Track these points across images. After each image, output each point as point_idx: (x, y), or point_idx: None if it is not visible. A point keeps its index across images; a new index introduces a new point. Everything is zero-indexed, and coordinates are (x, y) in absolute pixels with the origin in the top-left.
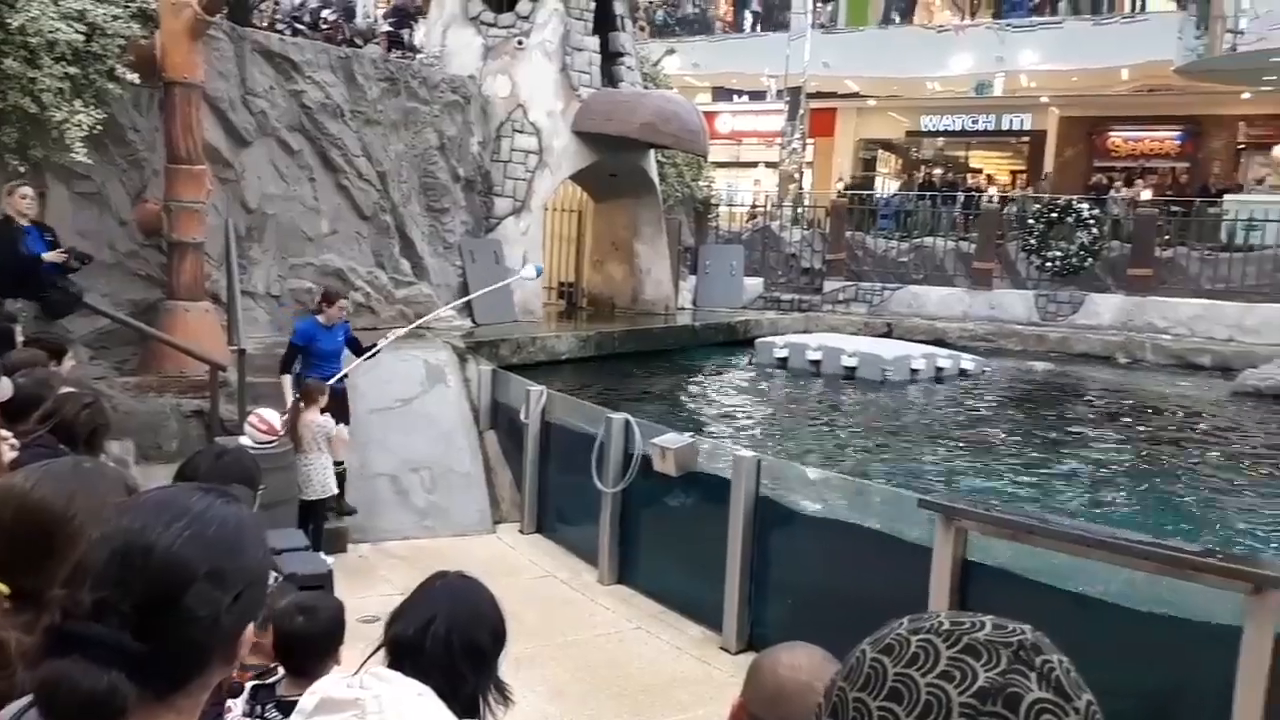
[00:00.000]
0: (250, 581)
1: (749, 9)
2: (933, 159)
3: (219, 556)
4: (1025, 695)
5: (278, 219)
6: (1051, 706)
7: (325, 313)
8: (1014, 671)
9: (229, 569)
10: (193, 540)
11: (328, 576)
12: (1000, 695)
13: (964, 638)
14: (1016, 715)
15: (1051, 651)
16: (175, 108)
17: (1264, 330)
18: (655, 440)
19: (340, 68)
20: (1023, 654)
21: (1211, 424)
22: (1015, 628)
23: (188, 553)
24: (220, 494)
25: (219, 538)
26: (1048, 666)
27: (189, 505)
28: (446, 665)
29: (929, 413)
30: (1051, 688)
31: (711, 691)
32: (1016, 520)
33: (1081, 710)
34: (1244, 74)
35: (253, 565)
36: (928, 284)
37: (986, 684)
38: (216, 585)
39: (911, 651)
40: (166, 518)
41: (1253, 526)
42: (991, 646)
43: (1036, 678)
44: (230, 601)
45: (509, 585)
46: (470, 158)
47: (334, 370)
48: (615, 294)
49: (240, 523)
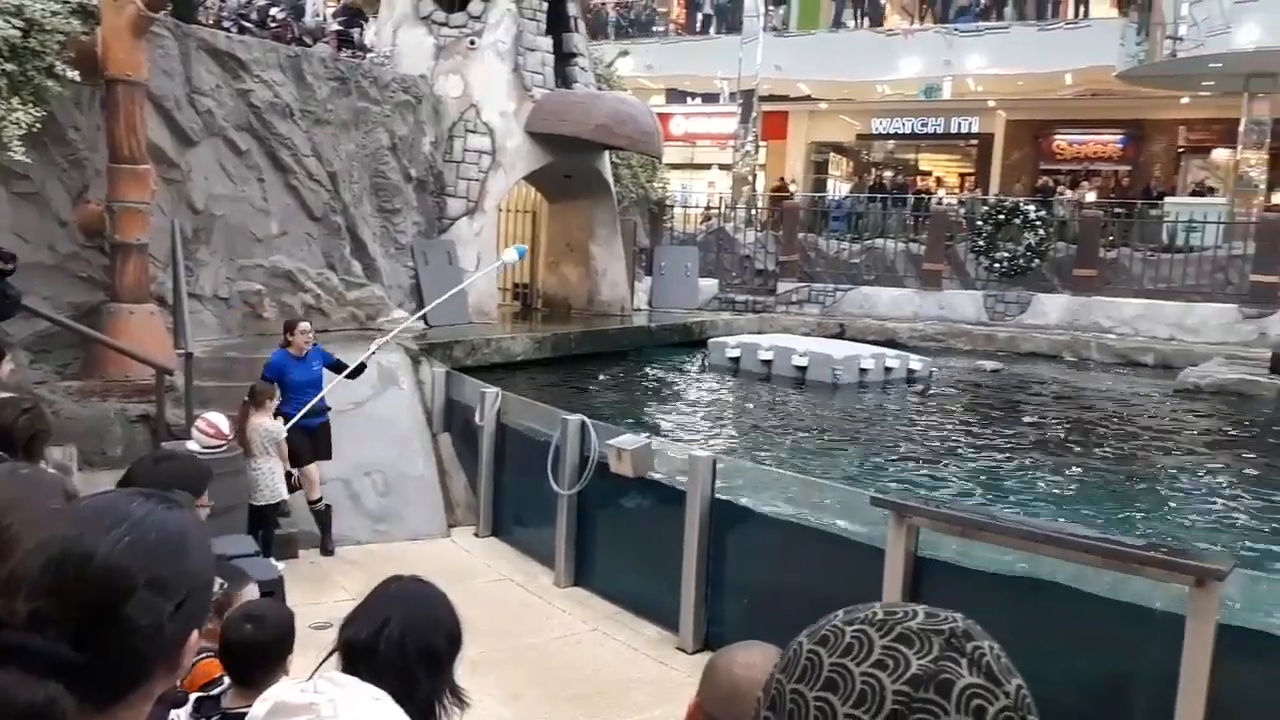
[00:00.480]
0: (194, 588)
1: (702, 11)
2: (883, 162)
3: (160, 563)
4: (957, 681)
5: (226, 220)
6: (982, 691)
7: (292, 342)
8: (946, 659)
9: (171, 576)
10: (133, 547)
11: (279, 583)
12: (933, 682)
13: (897, 627)
14: (949, 701)
15: (982, 638)
16: (118, 106)
17: (1202, 329)
18: (611, 441)
19: (289, 67)
20: (954, 641)
21: (1154, 421)
22: (947, 616)
23: (128, 560)
24: (162, 499)
25: (160, 544)
26: (978, 653)
27: (129, 511)
28: (401, 669)
29: (880, 412)
30: (982, 673)
31: (668, 692)
32: (966, 517)
33: (1011, 694)
34: (1183, 79)
35: (196, 571)
36: (879, 285)
37: (919, 671)
38: (158, 593)
39: (846, 642)
40: (105, 524)
41: (1196, 520)
42: (924, 635)
43: (968, 664)
44: (173, 609)
45: (464, 589)
46: (422, 158)
47: (309, 401)
48: (571, 295)
49: (183, 528)
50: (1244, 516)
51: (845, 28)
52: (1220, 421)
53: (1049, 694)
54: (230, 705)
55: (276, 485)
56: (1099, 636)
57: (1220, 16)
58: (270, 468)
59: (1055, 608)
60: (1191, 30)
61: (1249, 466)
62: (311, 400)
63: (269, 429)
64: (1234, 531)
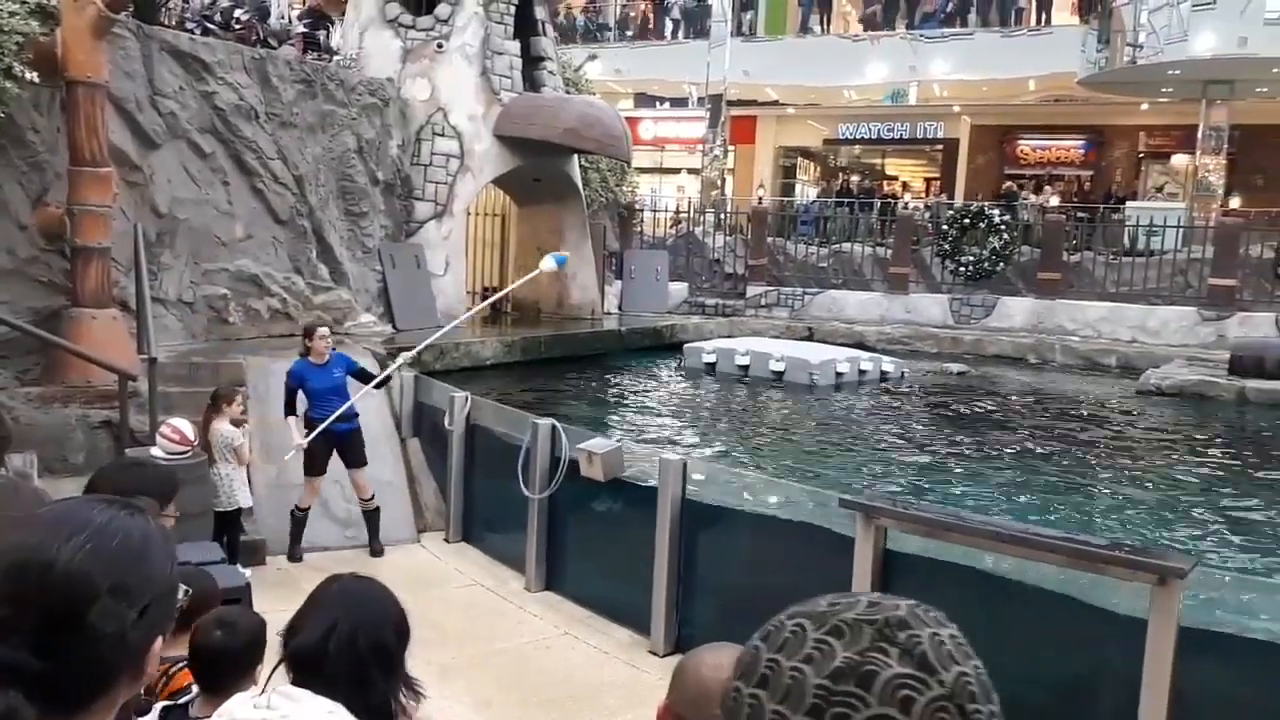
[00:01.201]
0: (157, 595)
1: (670, 16)
2: (850, 166)
3: (123, 570)
4: (881, 673)
5: (190, 223)
6: (911, 682)
7: (311, 349)
8: (874, 649)
9: (134, 582)
10: (94, 554)
11: (246, 590)
12: (854, 675)
13: (832, 619)
14: (870, 694)
15: (924, 625)
16: (78, 108)
17: (1163, 332)
18: (582, 445)
19: (254, 69)
20: (886, 630)
21: (1118, 422)
22: (890, 604)
23: (89, 567)
24: (124, 505)
25: (122, 551)
26: (913, 641)
27: (90, 518)
28: (354, 672)
29: (853, 414)
30: (915, 663)
31: (640, 695)
32: (933, 518)
33: (949, 683)
34: (1142, 86)
35: (159, 578)
36: (847, 288)
37: (842, 664)
38: (121, 600)
39: (784, 636)
40: (66, 532)
41: (1157, 520)
42: (856, 625)
43: (898, 654)
44: (136, 616)
45: (434, 595)
46: (389, 161)
47: (335, 409)
48: (541, 299)
49: (145, 535)
50: (1204, 515)
51: (812, 33)
52: (1180, 422)
53: (1020, 683)
54: (197, 714)
55: (233, 492)
56: (1067, 629)
57: (1178, 25)
58: (228, 474)
59: (1025, 600)
60: (1150, 38)
61: (1208, 466)
62: (337, 407)
63: (225, 435)
64: (1194, 530)
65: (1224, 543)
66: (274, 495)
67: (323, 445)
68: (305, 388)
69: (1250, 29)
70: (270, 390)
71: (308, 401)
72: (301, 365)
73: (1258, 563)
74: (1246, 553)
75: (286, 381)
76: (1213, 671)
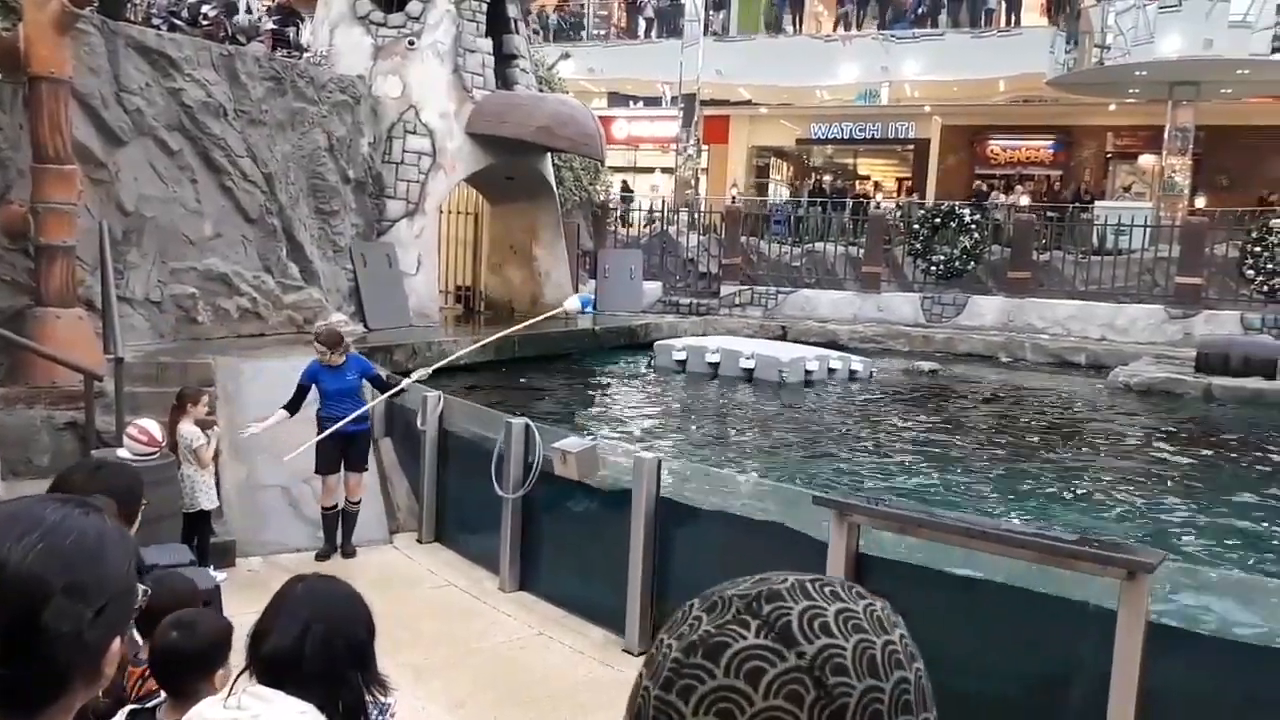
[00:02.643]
0: (114, 594)
1: (643, 15)
2: (823, 166)
3: (77, 569)
4: (732, 644)
5: (157, 221)
6: (763, 654)
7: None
8: (735, 623)
9: (89, 582)
10: (47, 553)
11: (215, 592)
12: (704, 646)
13: (713, 595)
14: (717, 666)
15: (803, 599)
16: (41, 104)
17: (1132, 329)
18: (556, 445)
19: (222, 66)
20: (754, 604)
21: (1087, 418)
22: (779, 577)
23: (42, 567)
24: (79, 504)
25: (76, 550)
26: (777, 613)
27: (42, 517)
28: (330, 672)
29: (823, 412)
30: (773, 634)
31: (614, 694)
32: (905, 514)
33: (809, 655)
34: (1110, 87)
35: (116, 577)
36: (820, 287)
37: (696, 637)
38: (77, 600)
39: (677, 616)
40: (17, 531)
41: (1126, 514)
42: (729, 599)
43: (758, 626)
44: (93, 616)
45: (408, 596)
46: (360, 159)
47: (348, 410)
48: (514, 297)
49: (101, 534)
50: (1171, 510)
51: (784, 33)
52: (1148, 418)
53: (992, 680)
54: None
55: (195, 494)
56: (1038, 626)
57: (1145, 27)
58: (190, 475)
59: (996, 598)
60: (1118, 39)
61: (1175, 461)
62: (348, 409)
63: (185, 436)
64: (1162, 525)
65: (1193, 537)
66: (244, 496)
67: (332, 445)
68: (319, 386)
69: (1215, 31)
70: (240, 390)
71: (320, 401)
72: (314, 364)
73: (1225, 556)
74: (1214, 546)
75: (300, 378)
76: (1181, 666)
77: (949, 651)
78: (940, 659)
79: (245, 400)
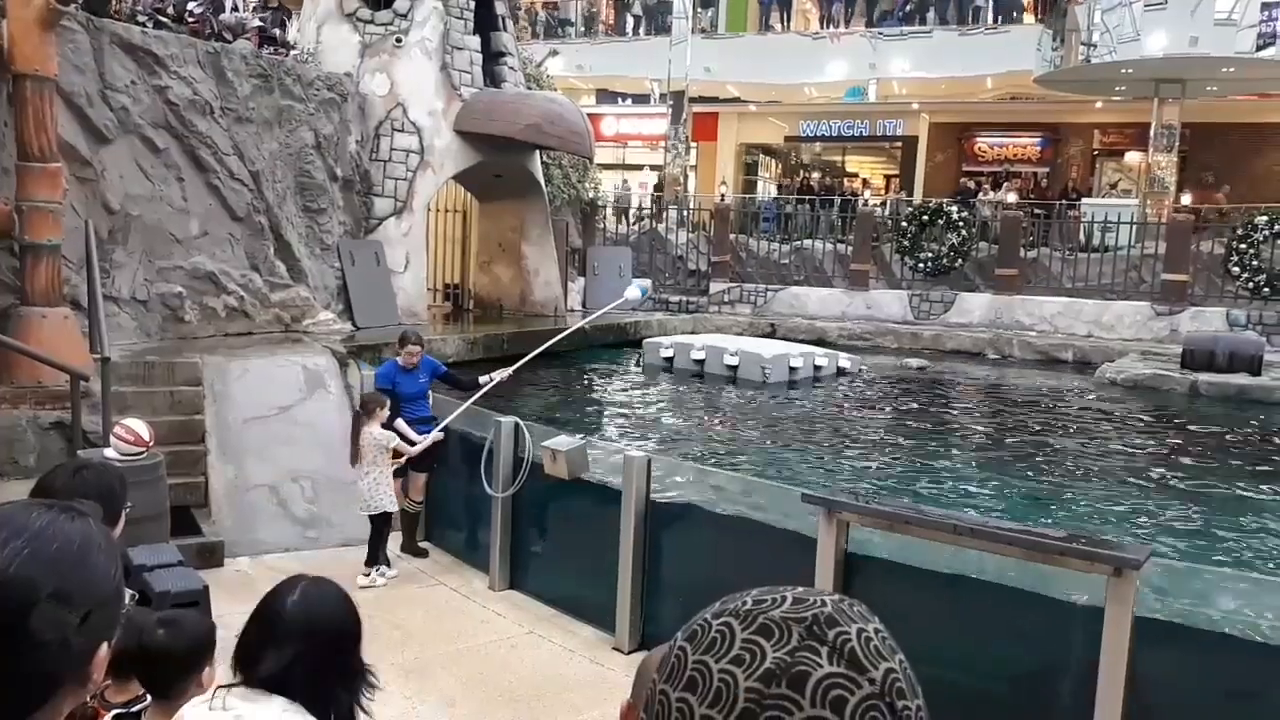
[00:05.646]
0: (101, 600)
1: (631, 12)
2: (811, 163)
3: (63, 575)
4: (813, 673)
5: (143, 220)
6: (842, 681)
7: (401, 354)
8: (804, 649)
9: (75, 588)
10: (33, 559)
11: (203, 593)
12: (786, 676)
13: (760, 617)
14: (803, 696)
15: (851, 621)
16: (25, 102)
17: (1118, 326)
18: (546, 443)
19: (209, 63)
20: (816, 629)
21: (1075, 415)
22: (816, 600)
23: (28, 572)
24: (64, 509)
25: (62, 555)
26: (841, 639)
27: (27, 523)
28: (323, 692)
29: (808, 410)
30: (845, 661)
31: (605, 693)
32: (893, 511)
33: (878, 680)
34: (1096, 84)
35: (102, 582)
36: (808, 285)
37: (773, 665)
38: (63, 605)
39: (710, 636)
40: (3, 537)
41: (1112, 511)
42: (785, 623)
43: (828, 653)
44: (79, 622)
45: (397, 595)
46: (348, 157)
47: (420, 413)
48: (503, 296)
49: (86, 538)
50: (1157, 506)
51: (772, 31)
52: (1135, 414)
53: (977, 679)
54: None
55: (379, 496)
56: (1025, 624)
57: (1131, 25)
58: (376, 477)
59: (984, 595)
60: (1104, 37)
61: (1161, 457)
62: (420, 410)
63: (377, 438)
64: (1149, 521)
65: (1178, 532)
66: (232, 496)
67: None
68: (395, 390)
69: (1201, 29)
70: (229, 389)
71: (393, 405)
72: (391, 366)
73: (1210, 551)
74: (1201, 541)
75: (376, 382)
76: (1167, 661)
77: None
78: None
79: (236, 399)
